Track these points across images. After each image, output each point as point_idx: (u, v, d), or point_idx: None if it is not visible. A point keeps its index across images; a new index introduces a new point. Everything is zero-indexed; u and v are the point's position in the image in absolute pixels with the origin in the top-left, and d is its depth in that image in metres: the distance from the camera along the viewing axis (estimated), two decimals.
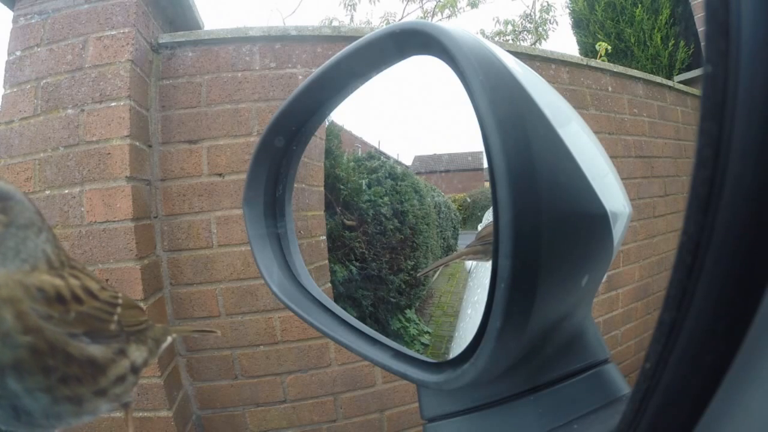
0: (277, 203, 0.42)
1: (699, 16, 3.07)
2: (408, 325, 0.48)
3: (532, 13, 6.29)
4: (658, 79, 2.48)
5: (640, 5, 3.59)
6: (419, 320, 0.48)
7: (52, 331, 0.45)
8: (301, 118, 0.40)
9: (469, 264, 0.45)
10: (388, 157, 0.52)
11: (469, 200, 0.44)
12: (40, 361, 0.45)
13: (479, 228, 0.40)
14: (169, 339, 0.69)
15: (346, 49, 0.32)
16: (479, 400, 0.32)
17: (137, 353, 0.57)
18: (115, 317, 0.54)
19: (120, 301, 0.56)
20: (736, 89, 0.14)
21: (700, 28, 3.06)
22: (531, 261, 0.23)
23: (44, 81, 1.31)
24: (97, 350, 0.50)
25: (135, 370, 0.56)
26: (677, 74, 3.25)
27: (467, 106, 0.25)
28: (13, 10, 1.37)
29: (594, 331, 0.33)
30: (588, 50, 3.73)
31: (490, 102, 0.23)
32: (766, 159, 0.14)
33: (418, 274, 0.49)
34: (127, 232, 1.25)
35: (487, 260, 0.37)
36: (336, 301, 0.42)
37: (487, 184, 0.28)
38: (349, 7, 6.48)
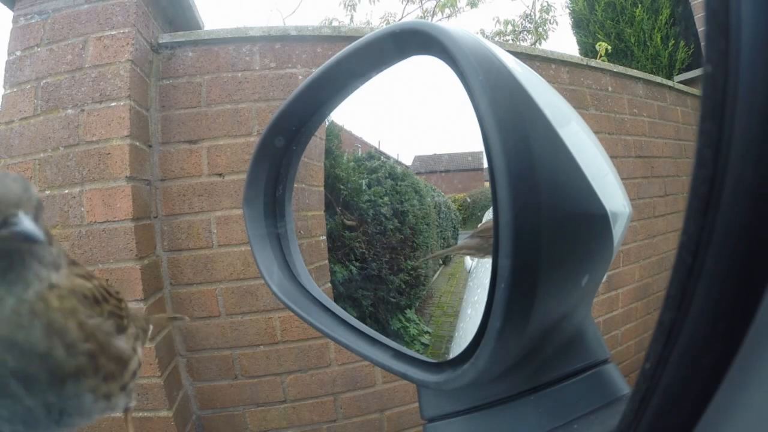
0: (277, 203, 0.42)
1: (699, 16, 3.07)
2: (408, 325, 0.48)
3: (532, 13, 6.29)
4: (658, 79, 2.48)
5: (640, 5, 3.59)
6: (419, 320, 0.48)
7: (100, 333, 0.47)
8: (301, 118, 0.40)
9: (469, 264, 0.45)
10: (388, 157, 0.52)
11: (469, 200, 0.44)
12: (94, 364, 0.46)
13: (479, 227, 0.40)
14: (151, 328, 0.70)
15: (347, 48, 0.32)
16: (479, 400, 0.32)
17: (140, 348, 0.58)
18: (124, 312, 0.55)
19: (120, 295, 0.57)
20: (736, 89, 0.14)
21: (700, 28, 3.06)
22: (531, 261, 0.23)
23: (44, 81, 1.31)
24: (123, 346, 0.52)
25: (140, 364, 0.58)
26: (677, 74, 3.25)
27: (467, 106, 0.25)
28: (13, 10, 1.37)
29: (594, 331, 0.33)
30: (588, 50, 3.73)
31: (490, 102, 0.23)
32: (766, 159, 0.14)
33: (417, 262, 0.49)
34: (127, 232, 1.25)
35: (482, 256, 0.37)
36: (336, 301, 0.42)
37: (487, 184, 0.28)
38: (349, 8, 6.48)
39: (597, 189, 0.27)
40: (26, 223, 0.38)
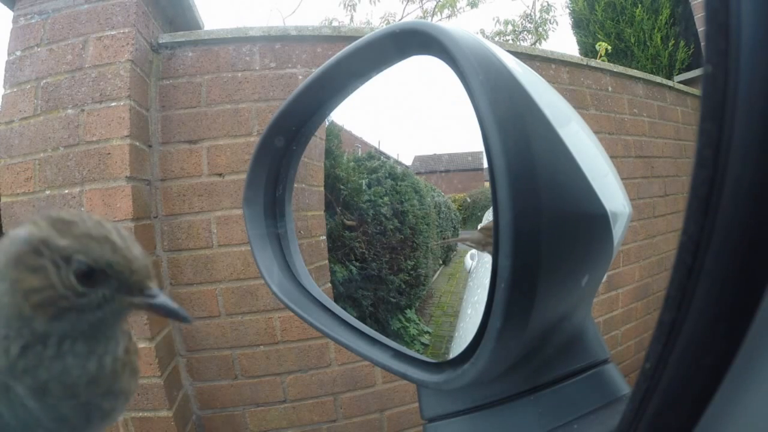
0: (277, 203, 0.42)
1: (699, 16, 3.07)
2: (408, 325, 0.48)
3: (532, 13, 6.29)
4: (658, 79, 2.48)
5: (640, 5, 3.59)
6: (419, 320, 0.48)
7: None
8: (301, 118, 0.40)
9: (469, 264, 0.45)
10: (388, 157, 0.52)
11: (469, 200, 0.44)
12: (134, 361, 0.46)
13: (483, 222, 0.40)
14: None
15: (346, 49, 0.32)
16: (479, 400, 0.32)
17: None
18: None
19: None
20: (736, 89, 0.14)
21: (700, 28, 3.06)
22: (531, 261, 0.23)
23: (44, 81, 1.31)
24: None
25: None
26: (677, 74, 3.25)
27: (467, 106, 0.25)
28: (13, 10, 1.37)
29: (594, 331, 0.33)
30: (588, 50, 3.73)
31: (490, 102, 0.23)
32: (766, 159, 0.14)
33: (432, 244, 0.49)
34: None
35: (484, 250, 0.37)
36: (336, 301, 0.42)
37: (487, 184, 0.28)
38: (349, 8, 6.48)
39: (597, 189, 0.27)
40: (164, 297, 0.38)
